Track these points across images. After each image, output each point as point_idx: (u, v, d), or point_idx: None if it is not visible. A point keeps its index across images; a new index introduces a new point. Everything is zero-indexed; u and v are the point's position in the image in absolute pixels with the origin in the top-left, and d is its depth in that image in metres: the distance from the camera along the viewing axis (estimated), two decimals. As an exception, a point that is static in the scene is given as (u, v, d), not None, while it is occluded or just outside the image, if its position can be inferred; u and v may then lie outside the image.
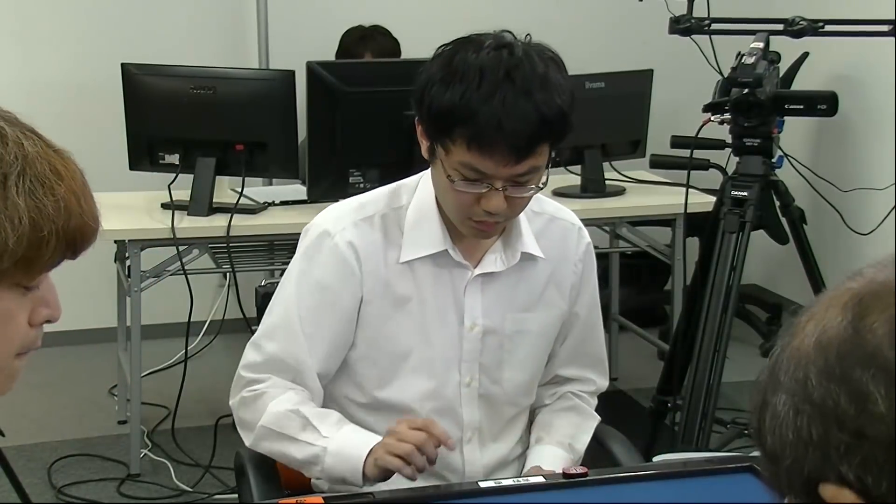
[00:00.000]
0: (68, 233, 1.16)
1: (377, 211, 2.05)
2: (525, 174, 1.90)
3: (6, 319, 1.18)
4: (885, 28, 3.43)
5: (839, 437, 0.84)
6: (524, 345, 2.11)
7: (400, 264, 2.02)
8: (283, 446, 2.00)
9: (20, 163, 1.13)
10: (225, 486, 3.74)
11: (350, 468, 1.91)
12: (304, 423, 1.98)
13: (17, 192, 1.12)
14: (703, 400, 3.29)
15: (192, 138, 3.80)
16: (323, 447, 1.95)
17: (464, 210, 1.94)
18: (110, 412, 4.33)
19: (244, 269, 4.00)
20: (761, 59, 3.41)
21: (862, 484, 0.83)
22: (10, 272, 1.14)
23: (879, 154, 4.79)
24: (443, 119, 1.88)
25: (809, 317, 0.90)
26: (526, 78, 1.85)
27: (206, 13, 5.07)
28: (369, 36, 4.52)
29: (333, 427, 1.98)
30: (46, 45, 4.87)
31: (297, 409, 1.99)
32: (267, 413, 2.01)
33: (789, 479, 0.88)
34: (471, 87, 1.85)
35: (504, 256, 2.06)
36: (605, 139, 4.20)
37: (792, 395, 0.87)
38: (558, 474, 1.87)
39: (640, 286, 5.30)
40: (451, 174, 1.90)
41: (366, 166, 3.66)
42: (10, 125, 1.16)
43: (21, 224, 1.12)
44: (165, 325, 4.48)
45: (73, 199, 1.16)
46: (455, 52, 1.91)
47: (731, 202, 3.43)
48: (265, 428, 2.02)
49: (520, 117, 1.84)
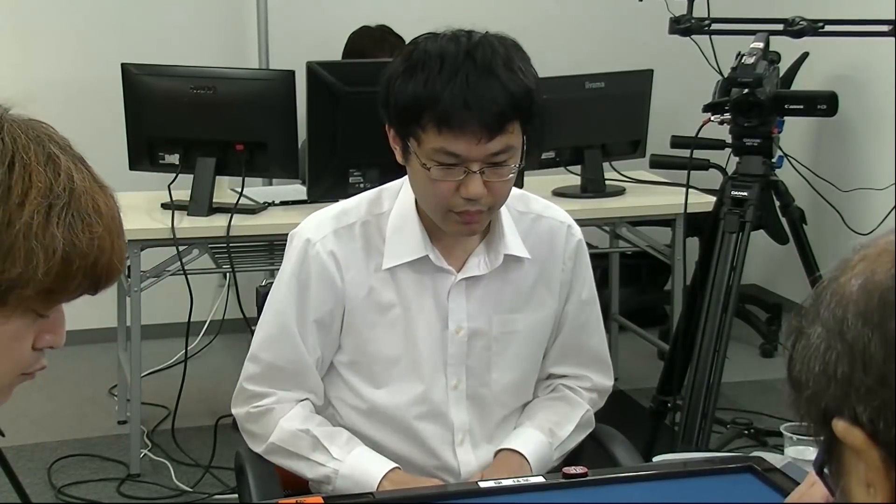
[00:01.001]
0: (96, 270, 1.17)
1: (358, 218, 2.05)
2: (500, 153, 1.89)
3: (14, 342, 1.19)
4: (885, 28, 3.43)
5: (862, 379, 0.86)
6: (512, 345, 2.10)
7: (382, 271, 2.02)
8: (294, 463, 2.05)
9: (66, 196, 1.14)
10: (225, 486, 3.74)
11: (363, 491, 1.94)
12: (314, 444, 2.02)
13: (57, 223, 1.13)
14: (703, 400, 3.29)
15: (192, 138, 3.80)
16: (334, 469, 1.99)
17: (444, 202, 1.92)
18: (110, 412, 4.33)
19: (244, 269, 4.00)
20: (761, 59, 3.41)
21: (873, 427, 0.86)
22: (30, 299, 1.15)
23: (879, 154, 4.79)
24: (409, 109, 1.89)
25: (861, 257, 0.91)
26: (486, 57, 1.87)
27: (206, 13, 5.07)
28: (384, 38, 4.52)
29: (344, 448, 2.02)
30: (46, 45, 4.87)
31: (307, 430, 2.03)
32: (277, 429, 2.05)
33: (807, 407, 0.91)
34: (433, 73, 1.86)
35: (487, 259, 2.05)
36: (605, 139, 4.20)
37: (827, 330, 0.89)
38: (558, 474, 1.87)
39: (640, 286, 5.30)
40: (427, 163, 1.90)
41: (366, 166, 3.66)
42: (64, 154, 1.17)
43: (54, 256, 1.13)
44: (165, 325, 4.48)
45: (107, 238, 1.17)
46: (413, 47, 1.93)
47: (731, 202, 3.43)
48: (276, 445, 2.05)
49: (485, 93, 1.85)
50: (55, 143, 1.18)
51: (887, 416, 0.85)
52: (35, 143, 1.16)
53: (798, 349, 0.92)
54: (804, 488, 1.64)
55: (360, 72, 3.76)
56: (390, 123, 1.96)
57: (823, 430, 0.90)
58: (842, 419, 0.88)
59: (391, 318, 2.04)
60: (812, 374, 0.90)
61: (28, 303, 1.16)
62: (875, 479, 0.86)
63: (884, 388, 0.85)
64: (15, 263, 1.12)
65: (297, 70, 3.74)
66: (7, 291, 1.13)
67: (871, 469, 0.87)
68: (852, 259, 0.91)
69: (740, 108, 3.39)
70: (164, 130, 3.82)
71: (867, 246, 0.91)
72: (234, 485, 3.43)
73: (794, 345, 0.93)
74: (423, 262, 2.03)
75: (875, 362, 0.85)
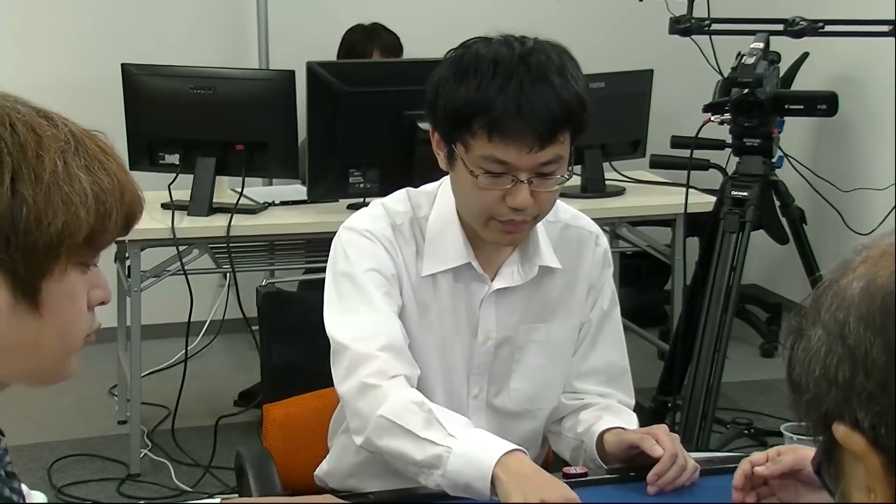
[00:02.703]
0: (125, 206, 1.19)
1: (405, 220, 1.99)
2: (549, 163, 1.85)
3: (72, 299, 1.19)
4: (885, 28, 3.44)
5: (864, 384, 0.85)
6: (533, 355, 2.05)
7: (422, 275, 1.97)
8: (401, 444, 1.80)
9: (74, 141, 1.17)
10: (225, 486, 3.74)
11: (479, 474, 1.72)
12: (428, 419, 1.80)
13: (77, 167, 1.15)
14: (703, 400, 3.29)
15: (192, 138, 3.80)
16: (448, 447, 1.76)
17: (489, 210, 1.87)
18: (110, 412, 4.33)
19: (244, 269, 3.99)
20: (761, 59, 3.41)
21: (874, 433, 0.85)
22: (78, 249, 1.16)
23: (879, 154, 4.79)
24: (460, 114, 1.84)
25: (863, 259, 0.90)
26: (541, 64, 1.82)
27: (206, 13, 5.07)
28: (375, 32, 4.53)
29: (461, 427, 1.80)
30: (46, 45, 4.87)
31: (422, 402, 1.83)
32: (388, 401, 1.83)
33: (807, 410, 0.90)
34: (486, 78, 1.81)
35: (521, 270, 2.00)
36: (605, 139, 4.19)
37: (828, 333, 0.88)
38: (558, 474, 1.87)
39: (640, 286, 5.30)
40: (475, 170, 1.85)
41: (366, 166, 3.65)
42: (47, 113, 1.19)
43: (87, 198, 1.15)
44: (165, 325, 4.48)
45: (122, 173, 1.20)
46: (464, 51, 1.88)
47: (731, 202, 3.43)
48: (384, 419, 1.82)
49: (539, 101, 1.80)
50: (30, 105, 1.20)
51: (888, 422, 0.84)
52: (21, 105, 1.18)
53: (798, 351, 0.91)
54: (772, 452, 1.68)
55: (360, 72, 3.76)
56: (436, 127, 1.91)
57: (823, 432, 0.89)
58: (842, 423, 0.87)
59: (427, 322, 1.99)
60: (812, 378, 0.89)
61: (76, 254, 1.17)
62: (875, 485, 0.86)
63: (885, 394, 0.84)
64: (57, 213, 1.13)
65: (297, 70, 3.74)
66: (59, 244, 1.14)
67: (871, 474, 0.86)
68: (853, 261, 0.90)
69: (740, 108, 3.40)
70: (164, 130, 3.82)
71: (868, 247, 0.90)
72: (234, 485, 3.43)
73: (794, 346, 0.92)
74: (463, 270, 1.98)
75: (877, 368, 0.84)
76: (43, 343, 1.19)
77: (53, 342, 1.20)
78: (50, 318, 1.18)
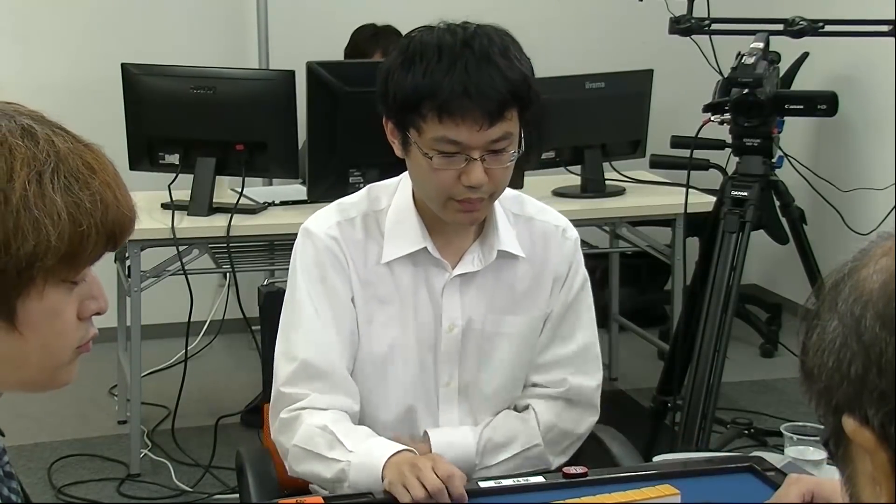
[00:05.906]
0: (107, 225, 1.18)
1: (359, 213, 2.07)
2: (499, 140, 1.92)
3: (54, 315, 1.19)
4: (885, 28, 3.43)
5: (876, 382, 0.85)
6: (503, 347, 2.09)
7: (380, 266, 2.04)
8: (313, 466, 1.96)
9: (53, 160, 1.16)
10: (225, 486, 3.75)
11: (372, 479, 1.86)
12: (331, 441, 1.95)
13: (53, 188, 1.15)
14: (703, 400, 3.29)
15: (192, 138, 3.80)
16: (348, 461, 1.91)
17: (446, 190, 1.94)
18: (110, 412, 4.33)
19: (244, 269, 4.00)
20: (761, 59, 3.41)
21: (883, 431, 0.85)
22: (54, 269, 1.16)
23: (879, 154, 4.79)
24: (410, 100, 1.91)
25: (885, 251, 0.89)
26: (484, 47, 1.90)
27: (206, 13, 5.07)
28: (381, 34, 4.53)
29: (360, 441, 1.94)
30: (46, 45, 4.87)
31: (325, 426, 1.96)
32: (300, 431, 1.98)
33: (818, 399, 0.90)
34: (431, 63, 1.89)
35: (481, 255, 2.06)
36: (605, 139, 4.20)
37: (844, 325, 0.88)
38: (558, 474, 1.88)
39: (640, 286, 5.30)
40: (428, 152, 1.92)
41: (366, 166, 3.66)
42: (39, 124, 1.18)
43: (60, 220, 1.14)
44: (165, 325, 4.48)
45: (108, 191, 1.19)
46: (408, 41, 1.96)
47: (731, 202, 3.43)
48: (297, 448, 1.98)
49: (485, 80, 1.88)
50: (26, 116, 1.19)
51: None
52: (6, 120, 1.17)
53: (813, 339, 0.91)
54: (782, 491, 1.65)
55: (360, 72, 3.76)
56: (389, 116, 1.98)
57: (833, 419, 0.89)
58: (852, 417, 0.87)
59: (387, 313, 2.04)
60: (825, 368, 0.89)
61: (55, 274, 1.16)
62: (882, 480, 0.86)
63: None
64: (26, 237, 1.13)
65: (297, 70, 3.74)
66: (30, 267, 1.14)
67: (878, 469, 0.86)
68: (873, 251, 0.89)
69: (740, 108, 3.39)
70: (164, 130, 3.82)
71: (889, 237, 0.90)
72: (234, 485, 3.43)
73: (809, 333, 0.91)
74: (421, 255, 2.04)
75: (890, 367, 0.84)
76: (28, 358, 1.20)
77: (38, 357, 1.20)
78: (31, 335, 1.18)
